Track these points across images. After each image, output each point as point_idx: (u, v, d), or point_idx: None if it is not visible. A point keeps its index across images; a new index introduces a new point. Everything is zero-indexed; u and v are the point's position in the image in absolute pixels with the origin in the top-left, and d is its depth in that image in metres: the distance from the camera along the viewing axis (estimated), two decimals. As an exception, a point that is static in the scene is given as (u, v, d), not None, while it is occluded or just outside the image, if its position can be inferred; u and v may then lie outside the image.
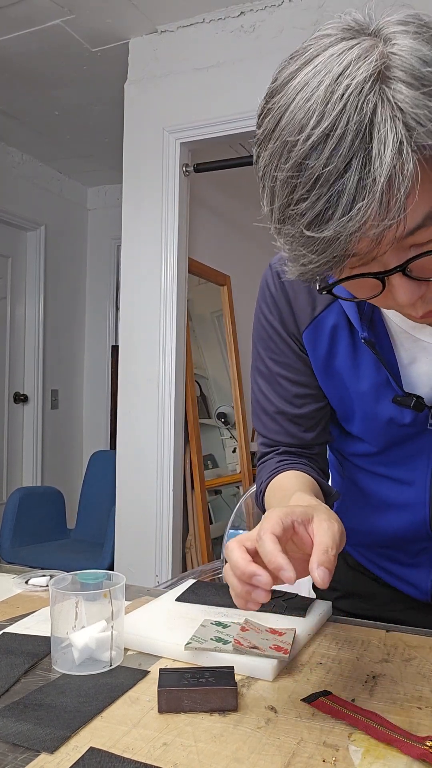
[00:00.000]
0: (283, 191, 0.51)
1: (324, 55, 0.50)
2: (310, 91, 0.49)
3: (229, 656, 0.67)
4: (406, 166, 0.47)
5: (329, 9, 2.34)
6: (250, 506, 1.62)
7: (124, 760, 0.51)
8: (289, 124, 0.50)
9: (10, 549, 3.15)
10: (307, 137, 0.48)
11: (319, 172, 0.48)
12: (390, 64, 0.49)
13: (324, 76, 0.49)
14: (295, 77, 0.51)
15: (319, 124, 0.48)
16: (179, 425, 2.75)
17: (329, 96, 0.48)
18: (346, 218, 0.48)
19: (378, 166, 0.47)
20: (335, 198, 0.48)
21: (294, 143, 0.49)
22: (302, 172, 0.49)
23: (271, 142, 0.52)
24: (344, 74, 0.48)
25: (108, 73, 2.95)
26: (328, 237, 0.49)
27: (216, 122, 2.56)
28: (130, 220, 2.77)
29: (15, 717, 0.58)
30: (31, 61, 2.89)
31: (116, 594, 0.69)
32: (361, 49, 0.49)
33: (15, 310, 4.04)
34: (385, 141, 0.47)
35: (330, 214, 0.49)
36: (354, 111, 0.47)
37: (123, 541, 2.78)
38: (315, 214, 0.49)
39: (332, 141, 0.47)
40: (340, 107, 0.47)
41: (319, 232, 0.50)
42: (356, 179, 0.47)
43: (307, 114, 0.49)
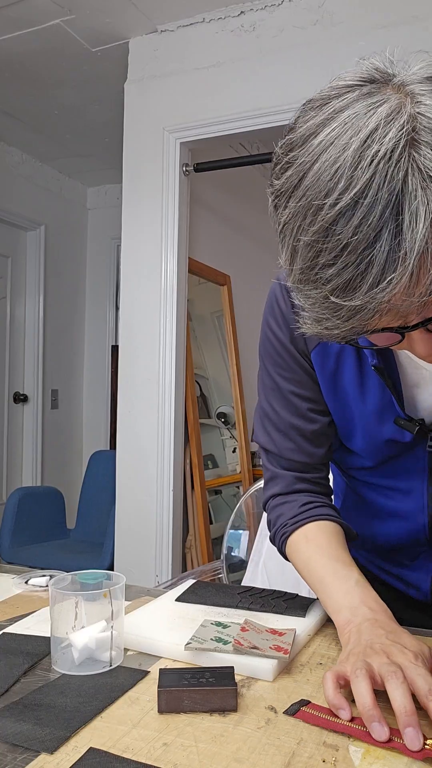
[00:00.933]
0: (306, 253, 0.50)
1: (349, 111, 0.48)
2: (336, 152, 0.47)
3: (229, 656, 0.67)
4: None
5: (329, 9, 2.34)
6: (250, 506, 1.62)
7: (124, 761, 0.51)
8: (314, 184, 0.48)
9: (10, 549, 3.14)
10: (334, 202, 0.47)
11: (347, 239, 0.47)
12: (418, 127, 0.47)
13: (351, 138, 0.47)
14: (318, 133, 0.49)
15: (347, 189, 0.46)
16: (179, 425, 2.75)
17: (358, 160, 0.46)
18: (375, 290, 0.47)
19: (410, 239, 0.45)
20: (364, 267, 0.47)
21: (320, 207, 0.47)
22: (329, 237, 0.47)
23: (293, 200, 0.50)
24: (372, 137, 0.46)
25: (108, 73, 2.95)
26: (355, 306, 0.48)
27: (216, 122, 2.56)
28: (130, 219, 2.77)
29: (15, 717, 0.57)
30: (31, 60, 2.89)
31: (116, 594, 0.69)
32: (389, 108, 0.48)
33: (15, 309, 4.04)
34: (417, 213, 0.45)
35: (358, 283, 0.47)
36: (384, 179, 0.46)
37: (123, 541, 2.78)
38: (342, 282, 0.48)
39: (362, 209, 0.46)
40: (370, 174, 0.46)
41: (345, 300, 0.48)
42: (386, 250, 0.46)
43: (335, 177, 0.47)
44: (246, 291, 3.61)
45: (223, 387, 3.51)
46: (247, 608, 0.83)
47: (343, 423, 0.82)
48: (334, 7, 2.33)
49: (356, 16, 2.29)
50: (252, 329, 3.69)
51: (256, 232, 3.81)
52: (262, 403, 0.86)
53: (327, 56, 2.32)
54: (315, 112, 0.51)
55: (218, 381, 3.49)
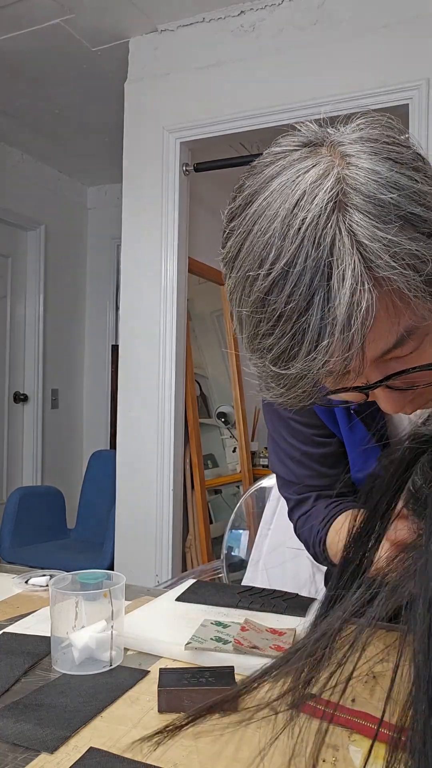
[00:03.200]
0: (249, 323, 0.50)
1: (279, 179, 0.49)
2: (267, 222, 0.48)
3: (229, 656, 0.67)
4: (365, 303, 0.46)
5: (329, 8, 2.34)
6: (250, 506, 1.62)
7: (124, 760, 0.51)
8: (249, 255, 0.49)
9: (10, 549, 3.14)
10: (267, 273, 0.47)
11: (281, 309, 0.47)
12: (347, 191, 0.47)
13: (280, 206, 0.47)
14: (252, 203, 0.50)
15: (278, 259, 0.47)
16: (179, 425, 2.75)
17: (286, 229, 0.47)
18: (310, 357, 0.47)
19: (338, 304, 0.46)
20: (299, 336, 0.47)
21: (255, 278, 0.48)
22: (265, 307, 0.48)
23: (234, 271, 0.51)
24: (300, 204, 0.47)
25: (108, 73, 2.95)
26: (294, 374, 0.49)
27: (216, 121, 2.56)
28: (130, 219, 2.77)
29: (15, 717, 0.58)
30: (31, 60, 2.89)
31: (116, 594, 0.69)
32: (317, 172, 0.48)
33: (15, 309, 4.03)
34: (344, 277, 0.46)
35: (295, 351, 0.48)
36: (312, 246, 0.46)
37: (123, 541, 2.78)
38: (280, 351, 0.49)
39: (292, 278, 0.46)
40: (298, 242, 0.46)
41: (285, 369, 0.49)
42: (319, 317, 0.46)
43: (266, 248, 0.48)
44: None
45: (223, 387, 3.51)
46: (247, 608, 0.83)
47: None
48: (334, 6, 2.33)
49: (356, 15, 2.29)
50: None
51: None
52: (272, 434, 0.86)
53: (327, 56, 2.32)
54: (251, 180, 0.52)
55: (218, 381, 3.49)
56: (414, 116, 2.21)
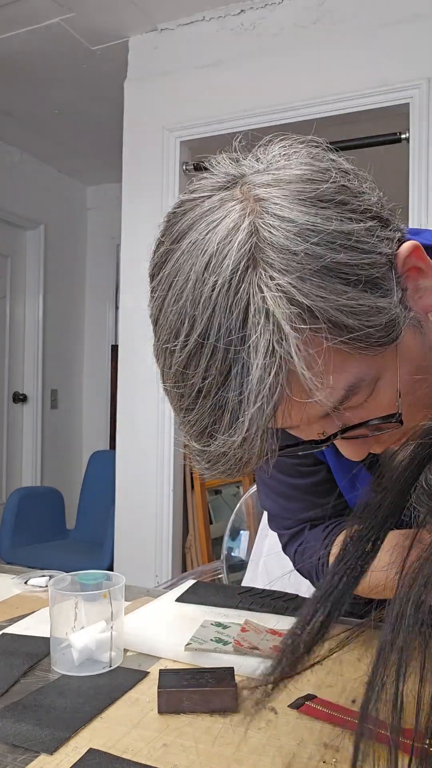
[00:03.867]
0: (173, 397, 0.48)
1: (190, 235, 0.46)
2: (178, 289, 0.45)
3: (229, 657, 0.67)
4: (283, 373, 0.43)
5: (329, 7, 2.33)
6: (250, 506, 1.62)
7: (124, 761, 0.51)
8: (165, 325, 0.47)
9: (10, 549, 3.14)
10: (182, 345, 0.45)
11: (199, 384, 0.45)
12: (259, 245, 0.44)
13: (190, 270, 0.45)
14: (165, 263, 0.47)
15: (192, 330, 0.44)
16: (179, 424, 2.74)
17: (198, 297, 0.44)
18: (229, 433, 0.45)
19: (255, 378, 0.43)
20: (219, 412, 0.45)
21: (172, 351, 0.46)
22: (185, 382, 0.46)
23: (154, 339, 0.49)
24: (210, 266, 0.44)
25: (107, 72, 2.94)
26: (215, 452, 0.47)
27: (216, 120, 2.55)
28: (129, 218, 2.76)
29: (14, 718, 0.57)
30: (30, 59, 2.89)
31: (116, 594, 0.69)
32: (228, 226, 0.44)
33: (14, 309, 4.03)
34: (257, 348, 0.43)
35: (215, 428, 0.46)
36: (224, 315, 0.43)
37: (123, 541, 2.78)
38: (202, 428, 0.46)
39: (207, 351, 0.44)
40: (210, 311, 0.43)
41: (206, 446, 0.47)
42: (237, 392, 0.44)
43: (179, 318, 0.45)
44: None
45: (223, 386, 3.51)
46: (247, 608, 0.82)
47: None
48: (334, 5, 2.33)
49: (357, 14, 2.29)
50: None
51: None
52: (259, 473, 0.83)
53: (327, 55, 2.32)
54: (166, 236, 0.49)
55: (218, 380, 3.49)
56: (414, 116, 2.21)
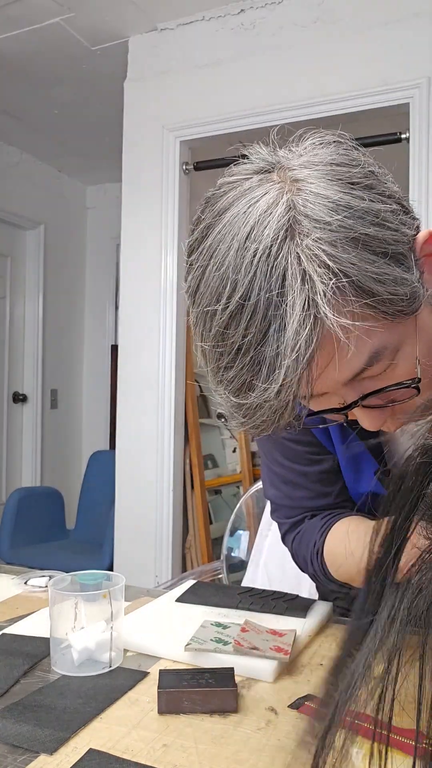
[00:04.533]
0: (212, 356, 0.52)
1: (232, 210, 0.50)
2: (221, 256, 0.49)
3: (229, 657, 0.67)
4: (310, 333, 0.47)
5: (329, 6, 2.33)
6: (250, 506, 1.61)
7: (124, 762, 0.51)
8: (206, 291, 0.50)
9: (10, 549, 3.14)
10: (224, 307, 0.49)
11: (239, 342, 0.49)
12: (297, 217, 0.48)
13: (232, 239, 0.49)
14: (207, 236, 0.51)
15: (233, 293, 0.48)
16: (179, 425, 2.74)
17: (239, 262, 0.48)
18: (266, 385, 0.49)
19: (292, 333, 0.47)
20: (257, 368, 0.49)
21: (213, 313, 0.50)
22: (225, 341, 0.50)
23: (195, 306, 0.53)
24: (251, 236, 0.48)
25: (107, 72, 2.94)
26: (253, 404, 0.50)
27: (216, 120, 2.55)
28: (129, 218, 2.76)
29: (14, 718, 0.57)
30: (30, 59, 2.89)
31: (116, 594, 0.69)
32: (267, 201, 0.49)
33: (14, 309, 4.03)
34: (294, 307, 0.47)
35: (253, 382, 0.49)
36: (264, 278, 0.47)
37: (123, 541, 2.78)
38: (240, 383, 0.50)
39: (247, 311, 0.48)
40: (251, 276, 0.47)
41: (244, 399, 0.51)
42: (274, 348, 0.48)
43: (222, 282, 0.49)
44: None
45: (222, 386, 3.51)
46: (248, 609, 0.82)
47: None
48: (334, 4, 2.32)
49: (356, 13, 2.28)
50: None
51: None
52: (265, 459, 0.85)
53: (327, 54, 2.32)
54: (206, 213, 0.53)
55: (218, 380, 3.49)
56: (414, 115, 2.21)
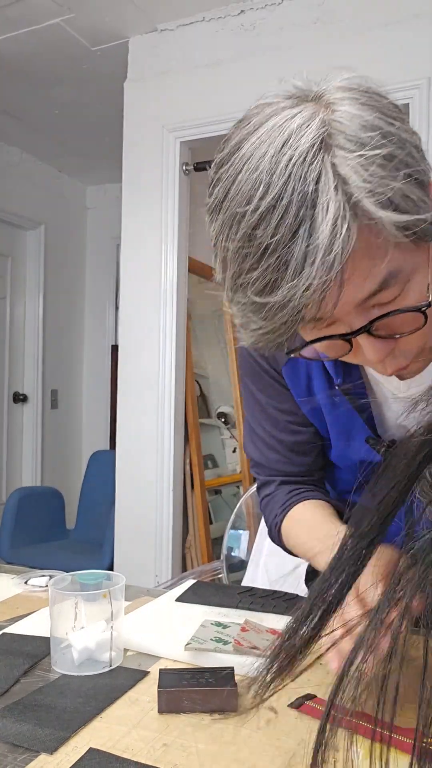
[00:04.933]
0: (234, 261, 0.53)
1: (267, 124, 0.52)
2: (255, 161, 0.50)
3: (229, 657, 0.67)
4: (346, 233, 0.48)
5: (329, 7, 2.33)
6: (250, 506, 1.62)
7: (124, 761, 0.51)
8: (237, 195, 0.51)
9: (10, 549, 3.14)
10: (255, 208, 0.50)
11: (267, 242, 0.50)
12: (332, 132, 0.50)
13: (268, 147, 0.50)
14: (241, 147, 0.53)
15: (265, 195, 0.49)
16: (179, 425, 2.74)
17: (274, 166, 0.49)
18: (292, 284, 0.49)
19: (321, 235, 0.48)
20: (284, 267, 0.50)
21: (243, 214, 0.51)
22: (252, 242, 0.51)
23: (221, 213, 0.53)
24: (288, 143, 0.50)
25: (108, 72, 2.94)
26: (276, 303, 0.51)
27: (216, 120, 2.55)
28: (129, 218, 2.76)
29: (14, 718, 0.57)
30: (30, 60, 2.89)
31: (116, 594, 0.69)
32: (303, 117, 0.51)
33: (14, 309, 4.03)
34: (328, 209, 0.48)
35: (279, 281, 0.50)
36: (298, 181, 0.49)
37: (123, 541, 2.78)
38: (265, 282, 0.51)
39: (278, 212, 0.49)
40: (285, 178, 0.49)
41: (268, 297, 0.51)
42: (303, 247, 0.49)
43: (254, 185, 0.50)
44: (246, 290, 3.60)
45: (223, 387, 3.51)
46: (247, 608, 0.83)
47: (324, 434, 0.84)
48: (334, 5, 2.33)
49: (356, 14, 2.29)
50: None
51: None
52: (248, 419, 0.89)
53: (327, 55, 2.32)
54: (240, 130, 0.55)
55: (218, 381, 3.49)
56: (414, 116, 2.21)
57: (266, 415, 0.85)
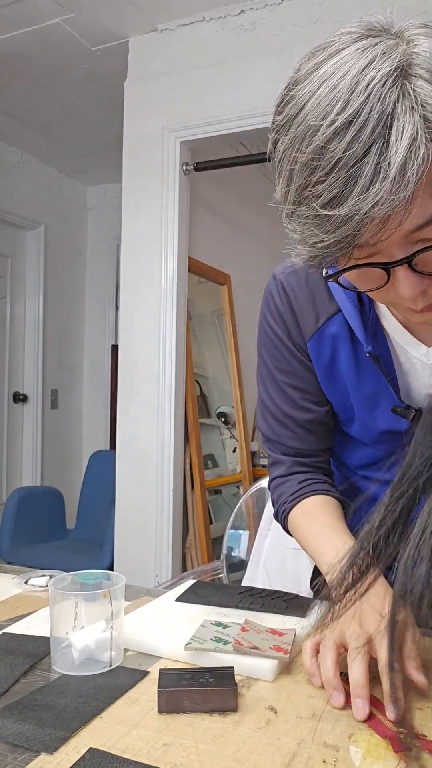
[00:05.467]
0: (302, 173, 0.54)
1: (350, 48, 0.54)
2: (336, 80, 0.52)
3: (229, 656, 0.67)
4: (420, 154, 0.50)
5: (329, 7, 2.33)
6: (250, 506, 1.62)
7: (124, 761, 0.51)
8: (313, 110, 0.53)
9: (10, 549, 3.14)
10: (331, 123, 0.51)
11: (339, 155, 0.51)
12: (412, 62, 0.52)
13: (350, 67, 0.52)
14: (321, 67, 0.54)
15: (343, 110, 0.51)
16: (179, 425, 2.74)
17: (355, 85, 0.51)
18: (361, 198, 0.51)
19: (394, 153, 0.50)
20: (353, 181, 0.51)
21: (317, 128, 0.52)
22: (323, 155, 0.52)
23: (293, 127, 0.55)
24: (370, 66, 0.51)
25: (108, 72, 2.95)
26: (342, 216, 0.52)
27: (216, 121, 2.56)
28: (129, 219, 2.76)
29: (15, 717, 0.57)
30: (31, 60, 2.89)
31: (116, 594, 0.69)
32: (386, 46, 0.53)
33: (15, 309, 4.03)
34: (403, 130, 0.50)
35: (346, 194, 0.51)
36: (377, 101, 0.50)
37: (123, 541, 2.78)
38: (333, 195, 0.52)
39: (354, 127, 0.50)
40: (365, 97, 0.50)
41: (334, 210, 0.52)
42: (374, 164, 0.50)
43: (333, 101, 0.52)
44: (246, 290, 3.60)
45: (223, 386, 3.51)
46: (247, 608, 0.83)
47: (342, 410, 0.85)
48: (334, 5, 2.33)
49: (357, 14, 2.28)
50: (252, 328, 3.68)
51: (256, 231, 3.81)
52: (261, 394, 0.90)
53: (327, 55, 2.32)
54: (317, 55, 0.57)
55: (218, 380, 3.49)
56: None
57: (280, 391, 0.86)
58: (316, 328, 0.79)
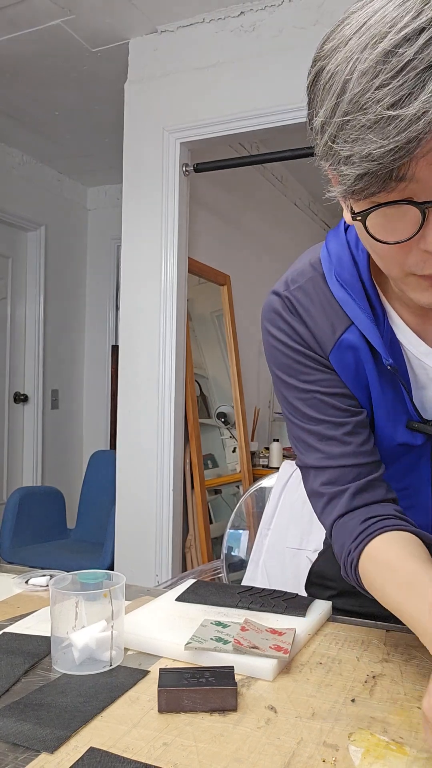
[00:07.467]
0: (361, 80, 0.52)
1: None
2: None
3: (229, 656, 0.67)
4: None
5: (329, 8, 2.34)
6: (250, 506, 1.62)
7: (124, 760, 0.51)
8: (380, 20, 0.52)
9: (10, 549, 3.14)
10: (400, 29, 0.50)
11: (409, 58, 0.50)
12: None
13: None
14: None
15: (415, 19, 0.50)
16: (179, 425, 2.75)
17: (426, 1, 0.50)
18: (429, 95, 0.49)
19: None
20: (421, 83, 0.50)
21: (384, 34, 0.51)
22: (390, 58, 0.51)
23: (353, 40, 0.53)
24: None
25: (108, 73, 2.95)
26: (409, 114, 0.50)
27: (216, 122, 2.56)
28: (130, 219, 2.77)
29: (15, 717, 0.58)
30: (31, 61, 2.89)
31: (116, 594, 0.69)
32: None
33: (15, 310, 4.04)
34: None
35: (414, 95, 0.50)
36: None
37: (123, 541, 2.78)
38: (399, 96, 0.50)
39: (426, 34, 0.50)
40: None
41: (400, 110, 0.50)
42: None
43: (402, 12, 0.51)
44: (246, 291, 3.61)
45: (223, 387, 3.51)
46: (247, 608, 0.83)
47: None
48: (333, 6, 2.33)
49: (356, 16, 2.29)
50: (252, 329, 3.69)
51: (255, 231, 3.81)
52: (296, 425, 0.80)
53: (327, 56, 2.32)
54: None
55: (218, 381, 3.49)
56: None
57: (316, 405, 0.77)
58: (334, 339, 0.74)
